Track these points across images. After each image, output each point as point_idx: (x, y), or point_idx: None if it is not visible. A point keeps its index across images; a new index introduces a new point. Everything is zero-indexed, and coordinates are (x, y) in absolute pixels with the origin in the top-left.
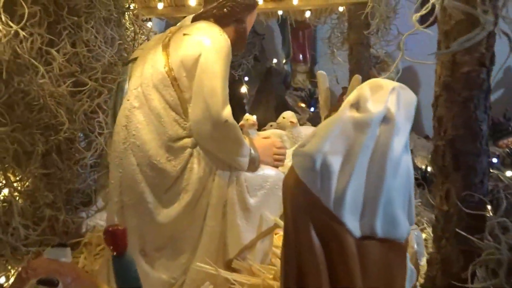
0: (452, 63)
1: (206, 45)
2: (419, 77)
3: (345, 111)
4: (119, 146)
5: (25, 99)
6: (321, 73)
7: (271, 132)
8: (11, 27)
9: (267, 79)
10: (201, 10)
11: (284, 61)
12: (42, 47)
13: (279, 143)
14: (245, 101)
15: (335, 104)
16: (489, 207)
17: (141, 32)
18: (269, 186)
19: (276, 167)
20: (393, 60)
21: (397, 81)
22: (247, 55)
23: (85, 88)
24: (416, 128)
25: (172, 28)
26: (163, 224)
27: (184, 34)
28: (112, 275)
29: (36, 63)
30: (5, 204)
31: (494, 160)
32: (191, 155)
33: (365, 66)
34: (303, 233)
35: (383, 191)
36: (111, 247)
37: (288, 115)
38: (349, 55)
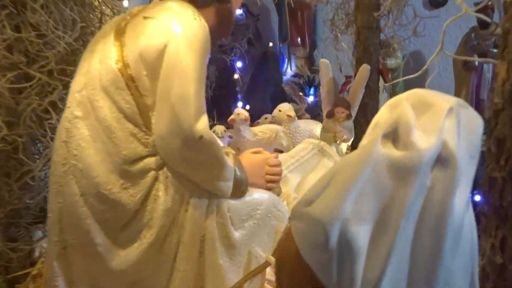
0: None
1: (175, 33)
2: (426, 62)
3: (375, 146)
4: (58, 168)
5: None
6: (323, 62)
7: (265, 127)
8: None
9: (262, 64)
10: None
11: (280, 45)
12: None
13: (273, 159)
14: (237, 89)
15: (338, 98)
16: None
17: (114, 12)
18: (259, 216)
19: (269, 189)
20: (400, 44)
21: (404, 69)
22: (239, 38)
23: (33, 83)
24: None
25: (134, 9)
26: (119, 271)
27: (145, 18)
28: None
29: None
30: None
31: None
32: (155, 179)
33: (374, 54)
34: None
35: (439, 277)
36: None
37: (284, 108)
38: (355, 41)
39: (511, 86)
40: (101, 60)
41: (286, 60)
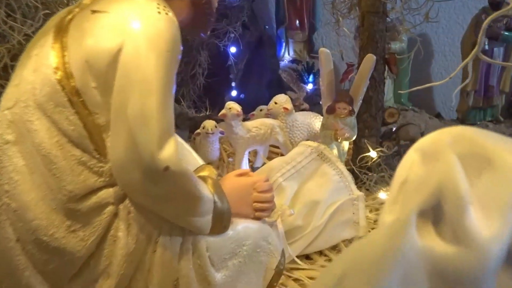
0: None
1: (132, 31)
2: (433, 45)
3: (407, 234)
4: None
5: None
6: (323, 51)
7: (260, 122)
8: None
9: (258, 50)
10: None
11: (278, 28)
12: None
13: (261, 183)
14: (231, 76)
15: (340, 92)
16: None
17: None
18: (246, 252)
19: (258, 219)
20: (409, 31)
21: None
22: (233, 22)
23: None
24: (427, 106)
25: (85, 0)
26: None
27: (94, 12)
28: None
29: None
30: None
31: None
32: (114, 216)
33: (380, 41)
34: None
35: None
36: None
37: (280, 100)
38: (359, 27)
39: None
40: (36, 69)
41: (284, 44)
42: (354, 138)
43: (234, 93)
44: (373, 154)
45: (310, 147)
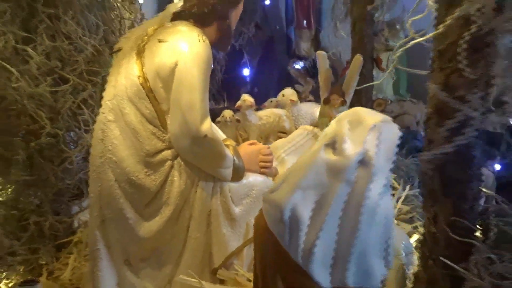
0: (445, 86)
1: (182, 53)
2: (429, 40)
3: (320, 152)
4: (96, 160)
5: (1, 105)
6: (320, 53)
7: (269, 111)
8: None
9: (270, 48)
10: (181, 7)
11: (287, 28)
12: (16, 45)
13: (265, 149)
14: (246, 72)
15: (334, 86)
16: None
17: (129, 12)
18: (255, 195)
19: (263, 174)
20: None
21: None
22: (247, 23)
23: (67, 84)
24: (425, 97)
25: (150, 29)
26: (145, 238)
27: (159, 41)
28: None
29: (7, 66)
30: None
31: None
32: (171, 167)
33: (368, 44)
34: (272, 286)
35: (356, 243)
36: None
37: (288, 93)
38: (351, 31)
39: (437, 101)
40: (126, 76)
41: (293, 43)
42: None
43: (248, 87)
44: None
45: (307, 130)
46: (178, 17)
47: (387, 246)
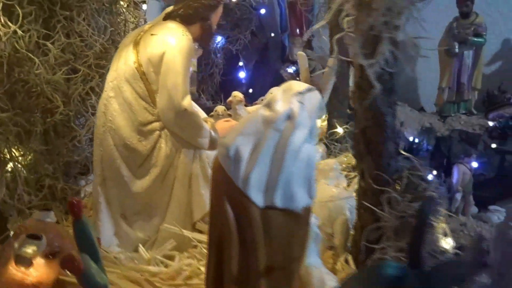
0: (362, 67)
1: (170, 45)
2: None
3: (260, 110)
4: (99, 129)
5: (25, 87)
6: (300, 54)
7: (257, 107)
8: (10, 27)
9: (265, 53)
10: (171, 9)
11: (282, 35)
12: (38, 40)
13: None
14: (242, 75)
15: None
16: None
17: (133, 16)
18: None
19: None
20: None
21: None
22: (244, 30)
23: (78, 74)
24: (410, 100)
25: (146, 26)
26: (137, 193)
27: (152, 34)
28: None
29: (32, 56)
30: (11, 174)
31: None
32: (159, 136)
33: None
34: (221, 206)
35: (282, 174)
36: (72, 213)
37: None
38: (329, 36)
39: (357, 80)
40: (125, 62)
41: (287, 49)
42: (323, 116)
43: (244, 88)
44: (340, 130)
45: None
46: (168, 17)
47: (309, 182)
